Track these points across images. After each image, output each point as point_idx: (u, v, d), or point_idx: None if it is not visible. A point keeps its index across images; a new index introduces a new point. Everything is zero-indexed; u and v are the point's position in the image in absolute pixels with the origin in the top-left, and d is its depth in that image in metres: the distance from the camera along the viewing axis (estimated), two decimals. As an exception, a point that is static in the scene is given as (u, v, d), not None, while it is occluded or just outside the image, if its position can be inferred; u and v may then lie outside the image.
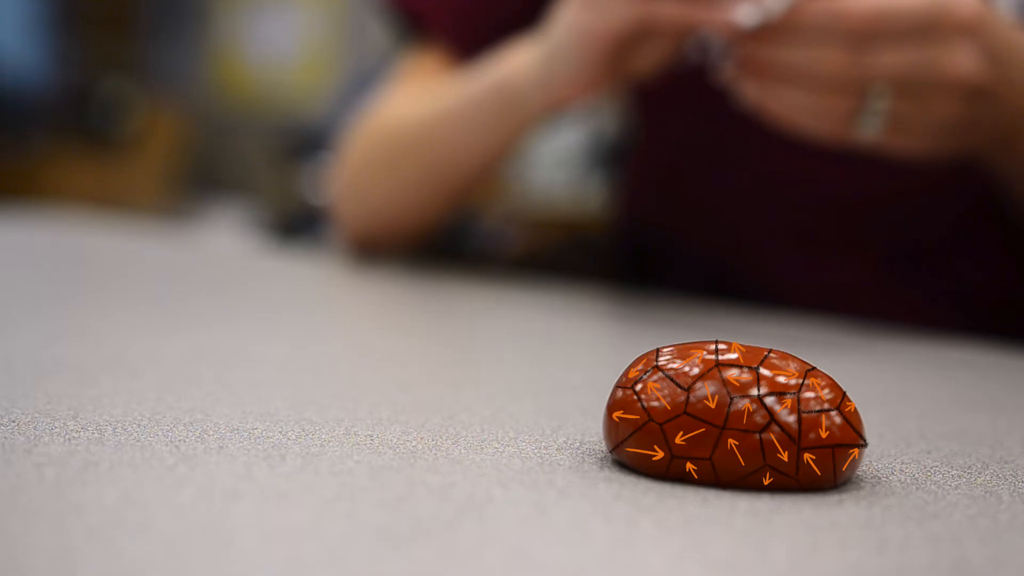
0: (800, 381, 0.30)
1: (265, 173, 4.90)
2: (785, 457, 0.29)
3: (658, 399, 0.29)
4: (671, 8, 0.57)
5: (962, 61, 0.54)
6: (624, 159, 0.89)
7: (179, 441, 0.30)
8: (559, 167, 3.21)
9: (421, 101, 0.75)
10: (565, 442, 0.33)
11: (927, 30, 0.53)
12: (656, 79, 0.67)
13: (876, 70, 0.54)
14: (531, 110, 0.65)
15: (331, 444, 0.31)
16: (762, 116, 0.58)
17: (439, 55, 0.79)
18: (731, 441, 0.29)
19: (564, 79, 0.61)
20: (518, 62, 0.65)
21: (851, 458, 0.30)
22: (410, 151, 0.74)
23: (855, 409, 0.30)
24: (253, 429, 0.32)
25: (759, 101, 0.57)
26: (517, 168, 3.64)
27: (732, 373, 0.29)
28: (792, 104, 0.56)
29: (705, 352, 0.30)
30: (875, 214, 0.72)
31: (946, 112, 0.55)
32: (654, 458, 0.29)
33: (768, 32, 0.56)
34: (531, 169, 3.78)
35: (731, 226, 0.76)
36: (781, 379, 0.29)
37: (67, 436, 0.30)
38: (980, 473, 0.33)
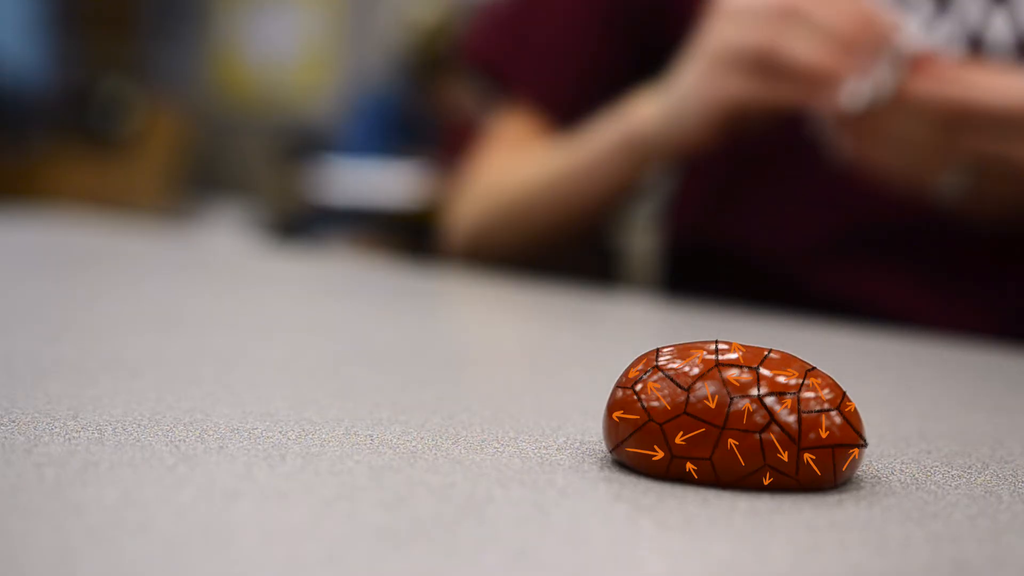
0: (800, 381, 0.30)
1: (265, 173, 4.90)
2: (785, 457, 0.29)
3: (658, 399, 0.29)
4: (784, 90, 0.61)
5: None
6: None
7: (179, 441, 0.30)
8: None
9: (530, 165, 0.80)
10: (565, 442, 0.33)
11: (1013, 124, 0.59)
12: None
13: (963, 148, 0.60)
14: (658, 157, 0.70)
15: (331, 444, 0.31)
16: (852, 165, 0.64)
17: (528, 116, 0.83)
18: (731, 441, 0.29)
19: (686, 136, 0.66)
20: (645, 113, 0.69)
21: (851, 458, 0.30)
22: (531, 213, 0.79)
23: (855, 409, 0.30)
24: (253, 429, 0.32)
25: (854, 155, 0.63)
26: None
27: (732, 373, 0.29)
28: (883, 160, 0.63)
29: (705, 352, 0.30)
30: (932, 227, 0.72)
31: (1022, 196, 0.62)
32: (654, 458, 0.29)
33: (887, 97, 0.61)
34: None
35: (780, 234, 0.76)
36: (781, 379, 0.29)
37: (67, 436, 0.30)
38: (980, 473, 0.33)
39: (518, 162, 0.81)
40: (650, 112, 0.69)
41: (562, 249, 0.83)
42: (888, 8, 0.61)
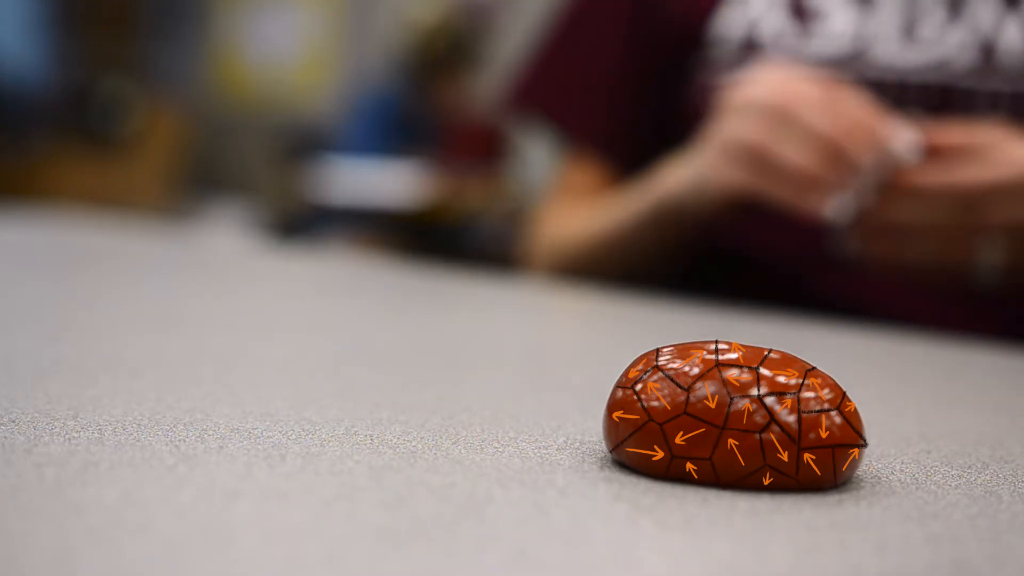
0: (800, 381, 0.30)
1: (265, 173, 4.91)
2: (785, 457, 0.29)
3: (658, 399, 0.29)
4: (778, 192, 0.64)
5: None
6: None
7: (179, 441, 0.30)
8: (559, 167, 3.21)
9: (587, 222, 0.83)
10: (565, 442, 0.33)
11: None
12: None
13: (987, 225, 0.61)
14: (692, 218, 0.73)
15: (331, 444, 0.31)
16: (879, 265, 0.65)
17: (594, 165, 0.87)
18: (731, 441, 0.29)
19: (704, 208, 0.70)
20: (678, 178, 0.72)
21: (851, 458, 0.30)
22: (589, 264, 0.83)
23: (855, 409, 0.30)
24: (253, 429, 0.32)
25: (878, 255, 0.64)
26: (517, 168, 3.64)
27: (732, 373, 0.29)
28: (910, 255, 0.63)
29: (705, 352, 0.30)
30: None
31: None
32: (654, 458, 0.29)
33: (883, 194, 0.62)
34: (530, 169, 3.78)
35: (782, 233, 0.76)
36: (781, 379, 0.29)
37: (67, 436, 0.30)
38: (980, 473, 0.33)
39: (578, 217, 0.85)
40: (681, 178, 0.72)
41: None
42: (883, 118, 0.62)
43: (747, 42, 0.75)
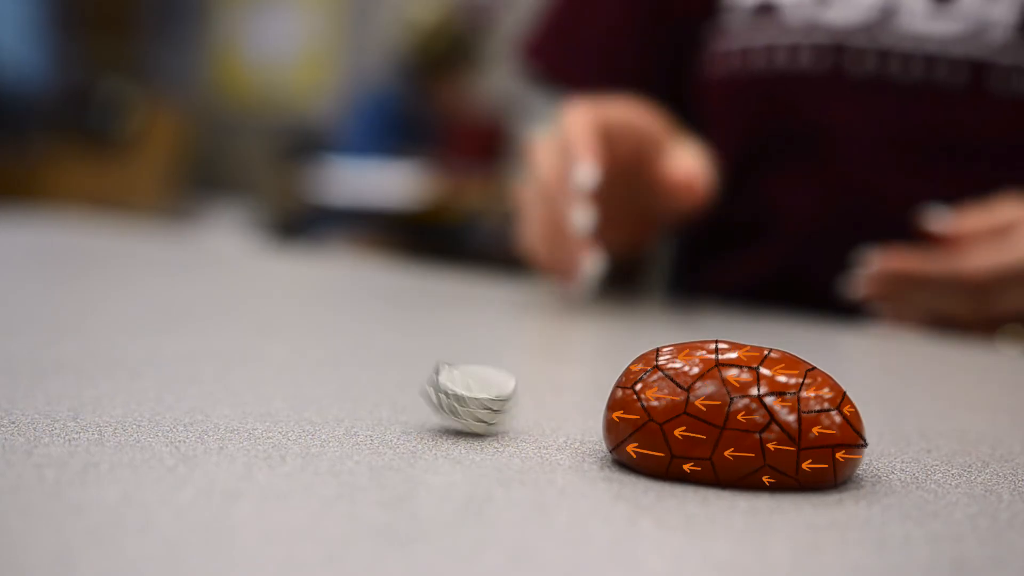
0: (800, 381, 0.30)
1: (265, 173, 4.91)
2: (785, 457, 0.29)
3: (658, 399, 0.29)
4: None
5: None
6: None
7: (179, 442, 0.30)
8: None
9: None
10: (565, 442, 0.33)
11: None
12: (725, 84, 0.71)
13: (1002, 312, 0.60)
14: None
15: (331, 444, 0.31)
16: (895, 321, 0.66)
17: None
18: (731, 441, 0.29)
19: None
20: None
21: (851, 458, 0.30)
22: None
23: (855, 409, 0.30)
24: (253, 429, 0.32)
25: (894, 316, 0.64)
26: (516, 168, 3.63)
27: (732, 373, 0.29)
28: (928, 326, 0.63)
29: (705, 352, 0.30)
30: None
31: None
32: (654, 458, 0.29)
33: (897, 277, 0.63)
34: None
35: (795, 231, 0.75)
36: (781, 379, 0.29)
37: (67, 437, 0.30)
38: (980, 472, 0.33)
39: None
40: None
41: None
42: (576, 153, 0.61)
43: (761, 6, 0.73)
